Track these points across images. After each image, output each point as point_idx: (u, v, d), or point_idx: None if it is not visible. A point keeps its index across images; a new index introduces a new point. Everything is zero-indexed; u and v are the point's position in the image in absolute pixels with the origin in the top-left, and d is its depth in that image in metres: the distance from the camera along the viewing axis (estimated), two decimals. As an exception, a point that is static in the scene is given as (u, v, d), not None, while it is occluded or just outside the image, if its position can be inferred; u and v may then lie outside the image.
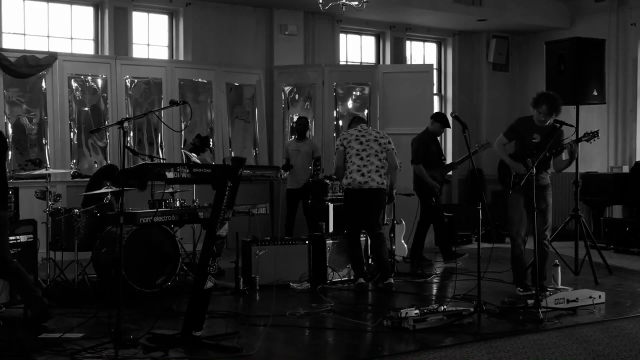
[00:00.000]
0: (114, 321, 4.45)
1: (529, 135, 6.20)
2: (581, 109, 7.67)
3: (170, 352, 4.41)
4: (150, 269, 6.27)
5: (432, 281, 7.20)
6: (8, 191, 5.12)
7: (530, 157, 6.07)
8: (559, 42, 7.94)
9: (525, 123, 6.33)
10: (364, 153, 6.65)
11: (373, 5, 9.08)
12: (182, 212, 5.94)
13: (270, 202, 9.52)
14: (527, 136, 6.22)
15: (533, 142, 6.16)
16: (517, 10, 11.41)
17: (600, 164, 11.06)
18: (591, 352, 4.54)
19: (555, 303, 5.65)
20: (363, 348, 4.75)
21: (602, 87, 7.54)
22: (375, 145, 6.68)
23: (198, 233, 7.12)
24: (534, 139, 6.17)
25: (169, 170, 4.45)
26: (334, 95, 10.17)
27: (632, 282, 7.06)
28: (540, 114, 6.12)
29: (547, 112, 6.10)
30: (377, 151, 6.67)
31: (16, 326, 5.14)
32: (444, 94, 12.36)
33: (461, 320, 5.15)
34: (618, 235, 9.45)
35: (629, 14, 10.91)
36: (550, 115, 6.12)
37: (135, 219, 5.40)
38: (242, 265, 6.64)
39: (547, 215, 6.25)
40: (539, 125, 6.19)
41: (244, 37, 10.31)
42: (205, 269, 4.58)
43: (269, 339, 4.81)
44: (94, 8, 9.59)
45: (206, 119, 9.74)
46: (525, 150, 6.20)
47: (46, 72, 8.59)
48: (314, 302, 6.00)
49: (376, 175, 6.62)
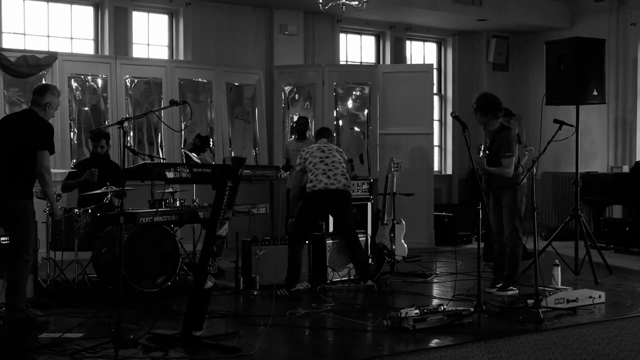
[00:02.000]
0: (114, 321, 4.46)
1: (484, 140, 6.50)
2: (581, 109, 7.67)
3: (170, 352, 4.41)
4: (150, 269, 6.27)
5: (432, 281, 7.21)
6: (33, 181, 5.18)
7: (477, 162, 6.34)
8: (559, 42, 7.94)
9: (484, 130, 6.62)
10: (328, 160, 6.61)
11: (373, 5, 9.08)
12: (182, 212, 5.94)
13: (270, 202, 9.52)
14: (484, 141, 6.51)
15: (486, 145, 6.44)
16: (517, 10, 11.41)
17: (600, 164, 11.06)
18: (591, 352, 4.54)
19: (555, 303, 5.65)
20: (363, 348, 4.74)
21: (602, 87, 7.55)
22: (337, 154, 6.70)
23: (198, 233, 7.12)
24: (486, 142, 6.44)
25: (169, 170, 4.45)
26: (334, 95, 10.17)
27: (632, 282, 7.07)
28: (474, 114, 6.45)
29: (474, 110, 6.40)
30: (340, 160, 6.68)
31: (16, 326, 5.14)
32: (444, 94, 12.36)
33: (461, 320, 5.15)
34: (618, 235, 9.45)
35: (629, 14, 10.90)
36: (476, 113, 6.38)
37: (135, 219, 5.41)
38: (242, 265, 6.64)
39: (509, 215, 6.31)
40: (489, 129, 6.44)
41: (244, 37, 10.31)
42: (205, 269, 4.58)
43: (269, 339, 4.81)
44: (94, 8, 9.58)
45: (206, 118, 9.74)
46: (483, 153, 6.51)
47: (46, 72, 8.58)
48: (314, 302, 6.00)
49: (342, 177, 6.58)
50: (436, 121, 11.79)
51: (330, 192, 6.49)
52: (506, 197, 6.33)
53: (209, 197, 4.90)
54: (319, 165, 6.56)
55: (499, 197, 6.38)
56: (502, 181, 6.31)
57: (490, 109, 6.35)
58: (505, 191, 6.33)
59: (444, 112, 12.26)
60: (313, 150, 6.71)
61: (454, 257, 8.01)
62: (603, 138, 11.11)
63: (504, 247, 6.42)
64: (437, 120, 12.03)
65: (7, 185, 5.08)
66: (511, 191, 6.33)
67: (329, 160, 6.60)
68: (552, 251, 7.47)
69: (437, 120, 11.93)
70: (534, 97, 11.46)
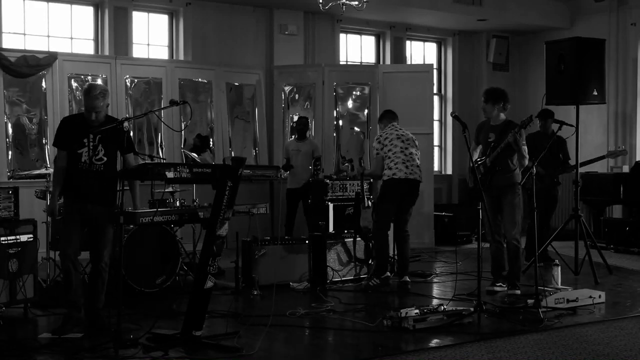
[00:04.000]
0: (114, 321, 4.45)
1: (486, 136, 6.46)
2: (581, 108, 7.67)
3: (170, 351, 4.41)
4: (150, 269, 6.27)
5: (432, 281, 7.20)
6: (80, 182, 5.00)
7: (487, 156, 6.34)
8: (559, 42, 7.94)
9: (481, 125, 6.63)
10: (407, 151, 6.82)
11: (373, 5, 9.07)
12: (182, 212, 5.92)
13: (270, 202, 9.51)
14: (485, 138, 6.47)
15: (489, 141, 6.39)
16: (517, 10, 11.41)
17: (600, 164, 11.00)
18: (591, 352, 4.54)
19: (555, 303, 5.65)
20: (363, 348, 4.74)
21: (602, 87, 7.54)
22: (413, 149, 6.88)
23: (198, 233, 7.11)
24: (489, 139, 6.40)
25: (169, 170, 4.45)
26: (334, 95, 10.17)
27: (632, 282, 7.07)
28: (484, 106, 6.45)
29: (484, 101, 6.41)
30: (416, 153, 6.90)
31: (16, 326, 5.15)
32: (444, 94, 12.36)
33: (461, 320, 5.15)
34: (618, 235, 9.45)
35: (629, 14, 10.91)
36: (487, 103, 6.41)
37: (135, 219, 5.40)
38: (242, 265, 6.64)
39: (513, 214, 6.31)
40: (492, 124, 6.44)
41: (244, 37, 10.31)
42: (205, 269, 4.58)
43: (269, 339, 4.80)
44: (94, 8, 9.58)
45: (206, 118, 9.74)
46: (484, 151, 6.44)
47: (46, 72, 8.58)
48: (314, 302, 6.00)
49: (418, 169, 6.85)
50: (436, 121, 11.79)
51: (409, 181, 6.75)
52: (509, 195, 6.30)
53: (209, 197, 4.90)
54: (399, 155, 6.77)
55: (500, 197, 6.36)
56: (505, 180, 6.28)
57: (501, 98, 6.42)
58: (508, 190, 6.31)
59: (444, 112, 12.27)
60: (392, 138, 6.86)
61: (454, 257, 8.00)
62: (603, 138, 11.10)
63: (501, 247, 6.42)
64: (437, 120, 12.04)
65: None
66: (514, 190, 6.31)
67: (407, 151, 6.82)
68: (552, 251, 7.47)
69: (437, 120, 11.94)
70: (534, 97, 11.45)
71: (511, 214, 6.31)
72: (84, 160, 4.96)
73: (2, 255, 5.27)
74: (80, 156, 4.96)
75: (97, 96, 4.95)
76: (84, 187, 4.97)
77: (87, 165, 4.96)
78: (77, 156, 4.96)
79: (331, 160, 9.99)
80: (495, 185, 6.34)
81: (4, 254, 5.28)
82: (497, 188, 6.34)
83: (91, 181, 4.97)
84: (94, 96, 4.95)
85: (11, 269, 5.31)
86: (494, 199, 6.37)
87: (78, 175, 4.96)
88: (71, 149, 4.97)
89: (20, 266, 5.36)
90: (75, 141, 4.97)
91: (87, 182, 4.96)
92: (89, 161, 4.96)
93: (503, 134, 6.26)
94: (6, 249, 5.30)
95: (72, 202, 5.00)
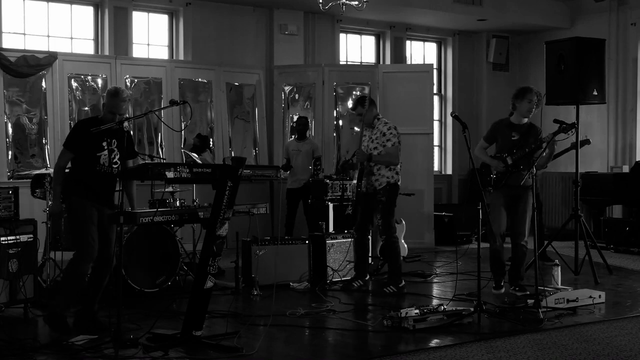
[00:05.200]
0: (114, 321, 4.45)
1: (508, 134, 6.34)
2: (581, 109, 7.67)
3: (170, 351, 4.41)
4: (150, 269, 6.27)
5: (432, 281, 7.20)
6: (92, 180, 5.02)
7: (510, 154, 6.23)
8: (559, 42, 7.94)
9: (501, 124, 6.48)
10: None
11: (373, 5, 9.08)
12: (182, 212, 5.90)
13: (270, 202, 9.52)
14: (505, 136, 6.36)
15: (512, 140, 6.30)
16: (517, 10, 11.41)
17: (600, 164, 11.06)
18: (591, 352, 4.54)
19: (555, 303, 5.65)
20: (363, 348, 4.74)
21: (602, 87, 7.54)
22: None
23: (198, 233, 7.11)
24: (513, 137, 6.31)
25: (169, 170, 4.44)
26: (334, 95, 10.17)
27: (632, 282, 7.07)
28: (531, 102, 6.26)
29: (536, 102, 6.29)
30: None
31: (16, 326, 5.14)
32: (444, 94, 12.36)
33: (461, 320, 5.15)
34: (618, 235, 9.45)
35: (629, 14, 10.91)
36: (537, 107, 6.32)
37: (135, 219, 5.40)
38: (242, 265, 6.64)
39: (527, 216, 6.27)
40: (515, 123, 6.35)
41: (244, 37, 10.31)
42: (205, 269, 4.58)
43: (269, 338, 4.81)
44: (94, 8, 9.58)
45: (206, 118, 9.74)
46: (505, 149, 6.32)
47: (46, 72, 8.58)
48: (314, 302, 6.00)
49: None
50: (436, 121, 11.79)
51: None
52: (528, 197, 6.19)
53: (209, 197, 4.90)
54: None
55: (516, 197, 6.23)
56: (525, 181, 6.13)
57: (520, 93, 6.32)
58: (526, 191, 6.18)
59: (444, 112, 12.27)
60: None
61: (454, 257, 8.00)
62: (603, 138, 11.10)
63: (502, 247, 6.38)
64: (437, 120, 12.04)
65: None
66: (530, 191, 6.16)
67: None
68: (552, 251, 7.48)
69: (437, 120, 11.94)
70: (534, 97, 11.44)
71: (525, 215, 6.25)
72: (102, 162, 5.02)
73: (2, 255, 5.28)
74: (99, 159, 5.01)
75: (125, 99, 5.09)
76: (100, 189, 5.04)
77: (106, 168, 5.03)
78: (95, 159, 5.00)
79: (331, 160, 9.99)
80: (512, 184, 6.21)
81: (4, 254, 5.28)
82: (515, 187, 6.19)
83: (107, 184, 5.07)
84: (122, 99, 5.07)
85: (11, 269, 5.32)
86: (508, 199, 6.26)
87: (95, 178, 5.02)
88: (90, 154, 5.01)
89: (20, 266, 5.36)
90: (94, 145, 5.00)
91: (103, 185, 5.05)
92: (107, 164, 5.03)
93: (527, 134, 6.21)
94: (6, 249, 5.30)
95: (89, 204, 5.02)
